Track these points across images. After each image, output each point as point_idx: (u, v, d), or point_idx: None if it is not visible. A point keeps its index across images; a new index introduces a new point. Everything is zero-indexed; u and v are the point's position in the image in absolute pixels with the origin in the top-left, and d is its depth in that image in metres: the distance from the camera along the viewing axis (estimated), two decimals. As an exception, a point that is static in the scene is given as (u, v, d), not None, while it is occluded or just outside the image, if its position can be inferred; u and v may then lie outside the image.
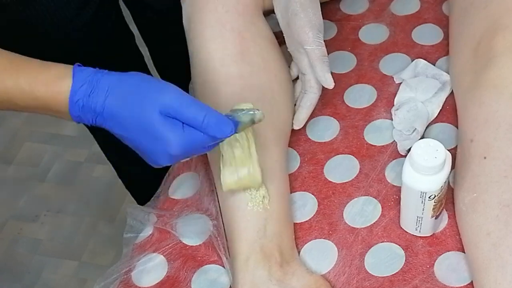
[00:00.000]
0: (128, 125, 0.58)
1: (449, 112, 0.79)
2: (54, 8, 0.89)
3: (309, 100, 0.77)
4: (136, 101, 0.58)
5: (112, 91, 0.58)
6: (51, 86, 0.59)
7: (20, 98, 0.60)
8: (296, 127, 0.79)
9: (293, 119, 0.79)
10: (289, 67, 0.81)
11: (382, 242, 0.70)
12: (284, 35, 0.76)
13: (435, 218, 0.66)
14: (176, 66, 1.21)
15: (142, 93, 0.58)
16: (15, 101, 0.61)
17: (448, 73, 0.81)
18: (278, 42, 0.80)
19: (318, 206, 0.74)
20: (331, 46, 0.90)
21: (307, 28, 0.72)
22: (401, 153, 0.77)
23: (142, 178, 1.29)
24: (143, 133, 0.58)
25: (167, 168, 0.82)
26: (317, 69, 0.73)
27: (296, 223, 0.73)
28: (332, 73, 0.73)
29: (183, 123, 0.58)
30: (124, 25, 1.09)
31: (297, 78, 0.81)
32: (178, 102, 0.58)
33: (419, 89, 0.80)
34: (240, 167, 0.66)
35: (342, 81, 0.86)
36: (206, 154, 0.76)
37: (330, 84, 0.73)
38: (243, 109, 0.64)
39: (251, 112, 0.63)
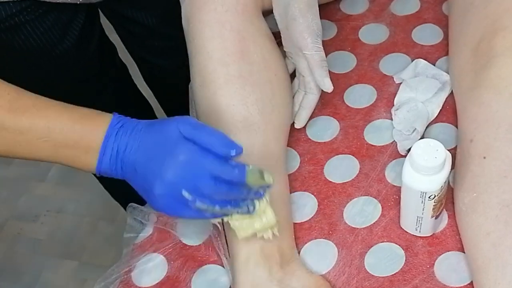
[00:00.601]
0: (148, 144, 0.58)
1: (449, 112, 0.79)
2: (42, 31, 0.89)
3: (309, 102, 0.78)
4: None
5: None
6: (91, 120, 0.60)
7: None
8: (297, 126, 0.80)
9: (292, 118, 0.79)
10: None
11: (382, 242, 0.70)
12: (282, 37, 0.77)
13: (435, 218, 0.66)
14: (162, 76, 1.21)
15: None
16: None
17: (448, 73, 0.81)
18: (276, 43, 0.80)
19: (318, 206, 0.74)
20: (331, 46, 0.90)
21: (306, 34, 0.72)
22: (401, 153, 0.77)
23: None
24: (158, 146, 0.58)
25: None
26: (316, 74, 0.74)
27: (296, 223, 0.73)
28: (332, 73, 0.73)
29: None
30: (106, 39, 1.09)
31: (293, 73, 0.81)
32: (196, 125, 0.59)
33: (419, 89, 0.80)
34: (253, 219, 0.63)
35: (342, 81, 0.86)
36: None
37: (329, 88, 0.74)
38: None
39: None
